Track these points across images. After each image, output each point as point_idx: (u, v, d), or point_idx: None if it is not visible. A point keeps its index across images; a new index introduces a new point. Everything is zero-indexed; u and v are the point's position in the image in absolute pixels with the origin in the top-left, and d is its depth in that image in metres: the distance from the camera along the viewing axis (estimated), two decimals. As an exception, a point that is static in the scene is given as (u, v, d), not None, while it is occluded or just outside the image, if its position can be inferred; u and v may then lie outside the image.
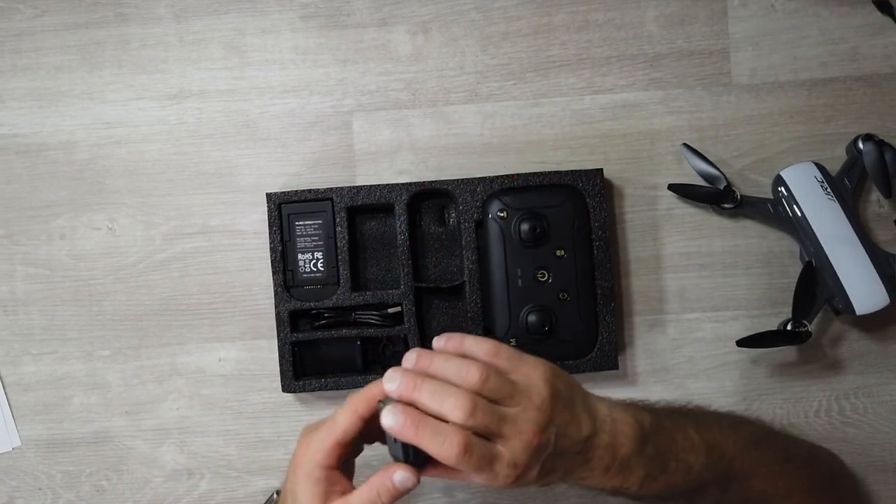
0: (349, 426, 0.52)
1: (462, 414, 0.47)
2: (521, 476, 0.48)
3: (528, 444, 0.47)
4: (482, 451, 0.47)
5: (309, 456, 0.53)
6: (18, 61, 0.71)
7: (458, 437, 0.46)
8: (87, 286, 0.71)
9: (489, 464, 0.47)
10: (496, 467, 0.47)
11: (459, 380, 0.49)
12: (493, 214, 0.67)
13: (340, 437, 0.52)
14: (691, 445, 0.54)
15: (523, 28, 0.70)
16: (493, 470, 0.47)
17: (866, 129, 0.69)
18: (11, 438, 0.71)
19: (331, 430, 0.52)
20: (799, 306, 0.66)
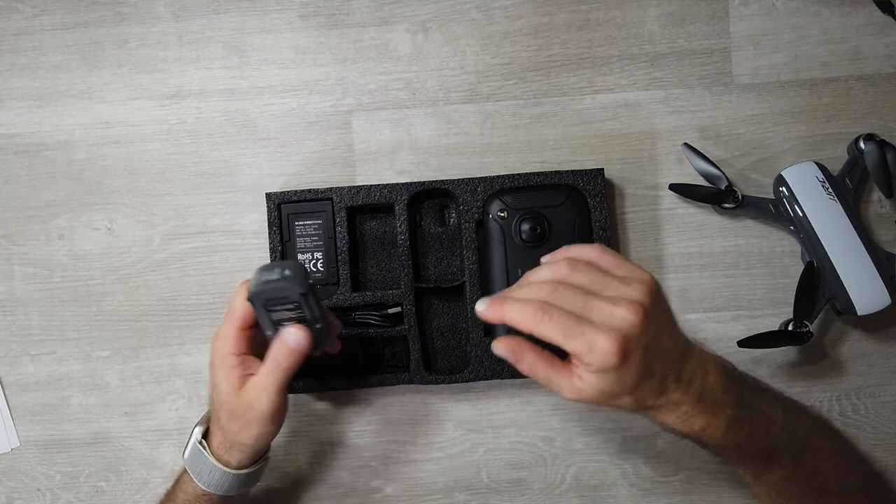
0: (243, 309, 0.56)
1: (545, 290, 0.48)
2: (624, 354, 0.46)
3: (626, 316, 0.46)
4: (565, 317, 0.46)
5: (219, 348, 0.57)
6: (17, 61, 0.71)
7: (535, 303, 0.47)
8: (86, 286, 0.71)
9: (579, 331, 0.46)
10: (589, 334, 0.46)
11: (547, 277, 0.49)
12: (494, 214, 0.67)
13: (240, 321, 0.56)
14: (772, 401, 0.53)
15: (524, 27, 0.70)
16: (586, 338, 0.46)
17: (867, 129, 0.69)
18: (10, 439, 0.71)
19: (230, 317, 0.56)
20: (800, 307, 0.66)
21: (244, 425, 0.57)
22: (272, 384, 0.56)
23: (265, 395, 0.56)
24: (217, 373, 0.57)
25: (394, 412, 0.70)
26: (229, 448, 0.58)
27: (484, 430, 0.70)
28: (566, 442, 0.70)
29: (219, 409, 0.57)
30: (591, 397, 0.48)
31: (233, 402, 0.56)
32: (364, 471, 0.70)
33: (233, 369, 0.56)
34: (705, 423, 0.50)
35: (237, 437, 0.57)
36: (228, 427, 0.57)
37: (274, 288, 0.54)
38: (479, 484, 0.70)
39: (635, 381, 0.47)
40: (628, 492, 0.70)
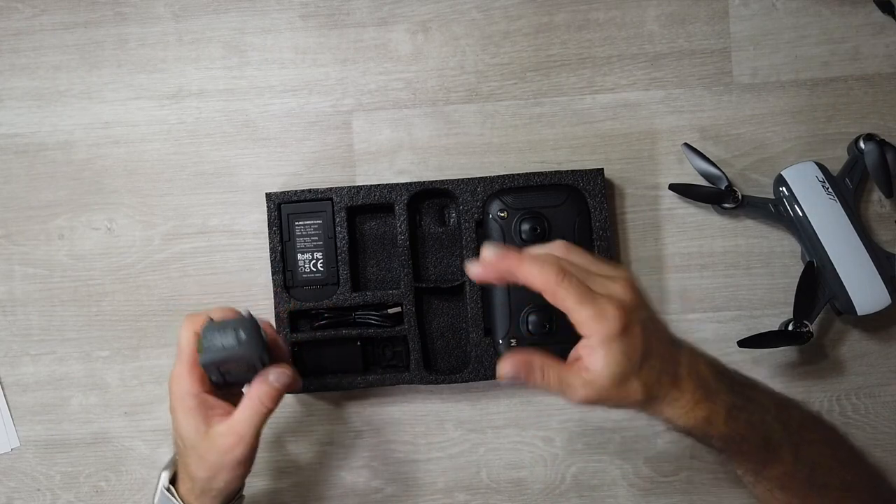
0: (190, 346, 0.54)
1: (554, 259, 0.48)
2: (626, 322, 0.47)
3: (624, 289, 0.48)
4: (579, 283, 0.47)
5: (175, 391, 0.54)
6: (17, 61, 0.71)
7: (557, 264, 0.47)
8: (86, 286, 0.71)
9: (591, 297, 0.47)
10: (601, 302, 0.47)
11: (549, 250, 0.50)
12: (494, 214, 0.67)
13: (191, 358, 0.54)
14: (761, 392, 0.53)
15: (524, 27, 0.70)
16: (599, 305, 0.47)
17: (868, 129, 0.69)
18: (10, 439, 0.71)
19: (181, 356, 0.54)
20: (800, 307, 0.66)
21: (216, 472, 0.54)
22: (252, 430, 0.54)
23: (244, 443, 0.53)
24: (178, 416, 0.54)
25: (394, 412, 0.70)
26: (200, 495, 0.55)
27: (484, 430, 0.70)
28: (566, 442, 0.70)
29: (185, 455, 0.55)
30: (602, 384, 0.48)
31: (201, 446, 0.54)
32: (364, 471, 0.70)
33: (194, 411, 0.54)
34: (707, 412, 0.50)
35: (209, 483, 0.55)
36: (197, 474, 0.55)
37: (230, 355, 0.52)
38: (479, 484, 0.70)
39: (640, 356, 0.48)
40: (628, 492, 0.70)
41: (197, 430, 0.54)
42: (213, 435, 0.54)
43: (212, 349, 0.52)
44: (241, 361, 0.53)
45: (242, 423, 0.54)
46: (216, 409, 0.55)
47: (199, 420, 0.54)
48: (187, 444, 0.55)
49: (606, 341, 0.47)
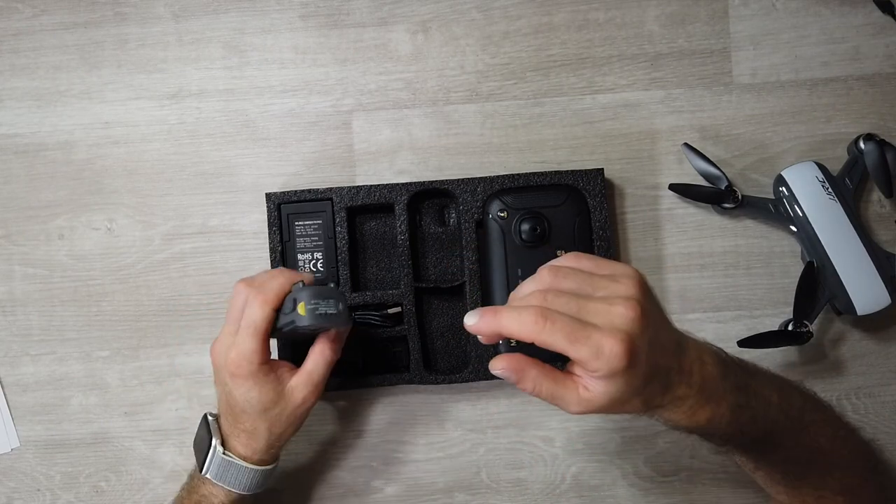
0: (268, 322, 0.55)
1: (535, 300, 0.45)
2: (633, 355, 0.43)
3: (625, 313, 0.44)
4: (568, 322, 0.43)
5: (245, 361, 0.55)
6: (17, 61, 0.71)
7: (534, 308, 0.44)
8: (86, 286, 0.71)
9: (584, 336, 0.43)
10: (595, 338, 0.43)
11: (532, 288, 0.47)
12: (494, 214, 0.67)
13: (264, 334, 0.55)
14: (765, 382, 0.52)
15: (524, 27, 0.70)
16: (593, 342, 0.43)
17: (867, 129, 0.69)
18: (10, 439, 0.71)
19: (253, 331, 0.55)
20: (800, 306, 0.66)
21: (292, 423, 0.59)
22: (325, 378, 0.58)
23: (318, 390, 0.58)
24: (251, 385, 0.56)
25: (394, 412, 0.70)
26: (267, 450, 0.59)
27: (484, 430, 0.70)
28: (566, 442, 0.70)
29: (253, 420, 0.58)
30: (600, 405, 0.46)
31: (278, 406, 0.57)
32: (364, 471, 0.70)
33: (268, 377, 0.57)
34: (711, 414, 0.48)
35: (281, 437, 0.59)
36: (273, 431, 0.58)
37: (331, 323, 0.55)
38: (479, 484, 0.70)
39: (643, 382, 0.45)
40: (628, 492, 0.70)
41: (275, 392, 0.57)
42: (289, 391, 0.57)
43: (315, 314, 0.54)
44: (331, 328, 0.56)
45: (316, 372, 0.58)
46: (283, 368, 0.58)
47: (274, 384, 0.57)
48: (259, 409, 0.57)
49: (608, 376, 0.44)
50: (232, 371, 0.56)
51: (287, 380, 0.58)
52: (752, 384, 0.51)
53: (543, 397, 0.46)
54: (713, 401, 0.48)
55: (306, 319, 0.54)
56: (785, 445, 0.53)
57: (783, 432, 0.52)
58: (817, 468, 0.55)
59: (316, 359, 0.58)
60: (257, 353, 0.55)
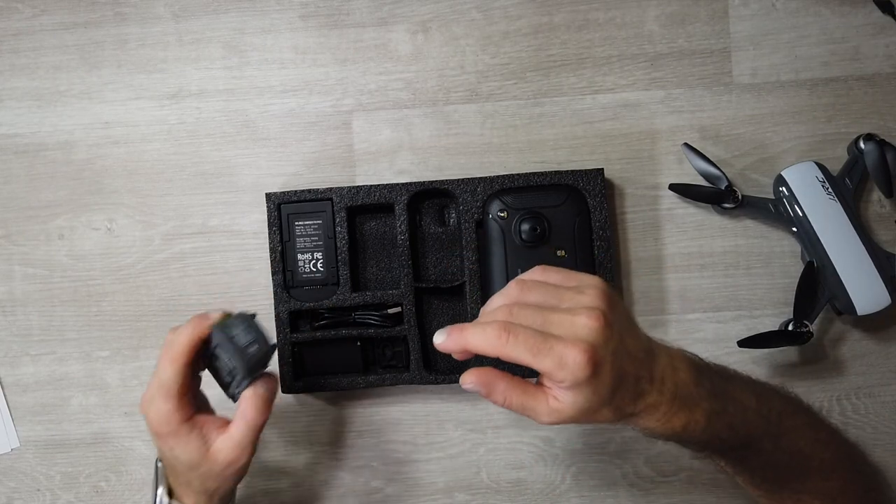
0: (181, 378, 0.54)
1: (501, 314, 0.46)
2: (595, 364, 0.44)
3: (587, 323, 0.45)
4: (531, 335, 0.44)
5: (163, 422, 0.54)
6: (17, 61, 0.71)
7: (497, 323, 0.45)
8: (86, 286, 0.71)
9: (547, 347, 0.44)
10: (557, 349, 0.44)
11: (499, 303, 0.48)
12: (494, 214, 0.67)
13: (177, 393, 0.54)
14: (742, 387, 0.52)
15: (524, 27, 0.70)
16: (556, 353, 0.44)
17: (867, 129, 0.69)
18: (10, 439, 0.71)
19: (165, 392, 0.54)
20: (800, 306, 0.66)
21: (222, 483, 0.56)
22: (253, 440, 0.55)
23: (247, 453, 0.55)
24: (173, 444, 0.55)
25: (394, 412, 0.70)
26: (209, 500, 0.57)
27: (484, 430, 0.70)
28: (566, 442, 0.70)
29: (185, 475, 0.56)
30: (570, 416, 0.46)
31: (204, 465, 0.55)
32: (364, 471, 0.70)
33: (193, 436, 0.55)
34: (685, 421, 0.49)
35: (216, 493, 0.57)
36: (204, 487, 0.56)
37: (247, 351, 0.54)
38: (479, 484, 0.70)
39: (610, 391, 0.46)
40: (628, 492, 0.70)
41: (199, 451, 0.55)
42: (215, 452, 0.55)
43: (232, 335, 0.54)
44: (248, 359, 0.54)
45: (242, 435, 0.55)
46: (211, 425, 0.56)
47: (199, 443, 0.55)
48: (188, 466, 0.55)
49: (573, 387, 0.45)
50: (156, 431, 0.55)
51: (213, 439, 0.55)
52: (728, 389, 0.51)
53: (514, 409, 0.47)
54: (687, 407, 0.48)
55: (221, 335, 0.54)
56: (764, 450, 0.53)
57: (762, 437, 0.52)
58: (797, 473, 0.55)
59: (238, 423, 0.55)
60: (174, 413, 0.54)
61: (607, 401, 0.46)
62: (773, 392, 0.55)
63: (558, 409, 0.46)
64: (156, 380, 0.54)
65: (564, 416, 0.46)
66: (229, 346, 0.54)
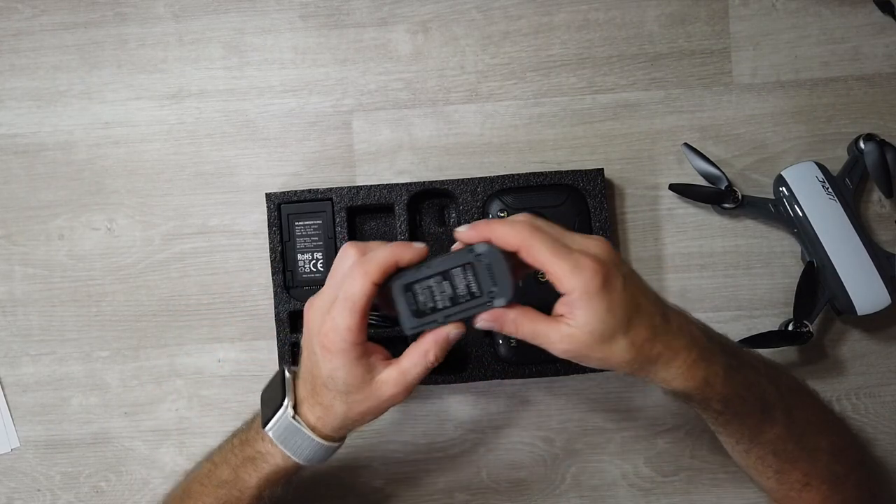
0: (367, 298, 0.50)
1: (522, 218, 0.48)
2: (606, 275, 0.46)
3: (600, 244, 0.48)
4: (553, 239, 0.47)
5: (339, 337, 0.50)
6: (17, 61, 0.71)
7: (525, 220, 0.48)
8: (86, 287, 0.71)
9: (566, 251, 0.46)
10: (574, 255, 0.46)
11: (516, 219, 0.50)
12: (494, 214, 0.67)
13: (361, 311, 0.50)
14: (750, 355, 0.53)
15: (524, 27, 0.70)
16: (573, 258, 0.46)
17: (867, 129, 0.69)
18: (10, 439, 0.71)
19: (350, 306, 0.49)
20: (800, 307, 0.66)
21: (372, 413, 0.53)
22: (418, 380, 0.52)
23: (408, 391, 0.52)
24: (339, 363, 0.51)
25: (394, 412, 0.70)
26: (339, 427, 0.54)
27: (484, 430, 0.70)
28: (566, 442, 0.70)
29: (332, 396, 0.52)
30: (584, 341, 0.46)
31: (361, 392, 0.52)
32: (364, 471, 0.70)
33: (360, 360, 0.51)
34: (705, 373, 0.49)
35: (358, 420, 0.53)
36: (348, 413, 0.52)
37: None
38: (479, 484, 0.70)
39: (625, 314, 0.46)
40: (628, 492, 0.70)
41: (362, 378, 0.51)
42: (378, 382, 0.52)
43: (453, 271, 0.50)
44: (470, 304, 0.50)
45: (411, 373, 0.51)
46: (377, 355, 0.52)
47: (364, 369, 0.51)
48: (344, 390, 0.52)
49: (586, 296, 0.45)
50: (323, 343, 0.51)
51: (379, 370, 0.52)
52: (738, 352, 0.52)
53: (526, 335, 0.48)
54: (704, 359, 0.49)
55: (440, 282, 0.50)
56: (778, 422, 0.53)
57: (776, 406, 0.52)
58: (808, 451, 0.55)
59: (415, 360, 0.51)
60: (352, 332, 0.50)
61: (623, 327, 0.46)
62: (781, 368, 0.56)
63: (570, 333, 0.46)
64: (341, 291, 0.50)
65: (578, 341, 0.47)
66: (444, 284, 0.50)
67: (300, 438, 0.54)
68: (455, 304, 0.50)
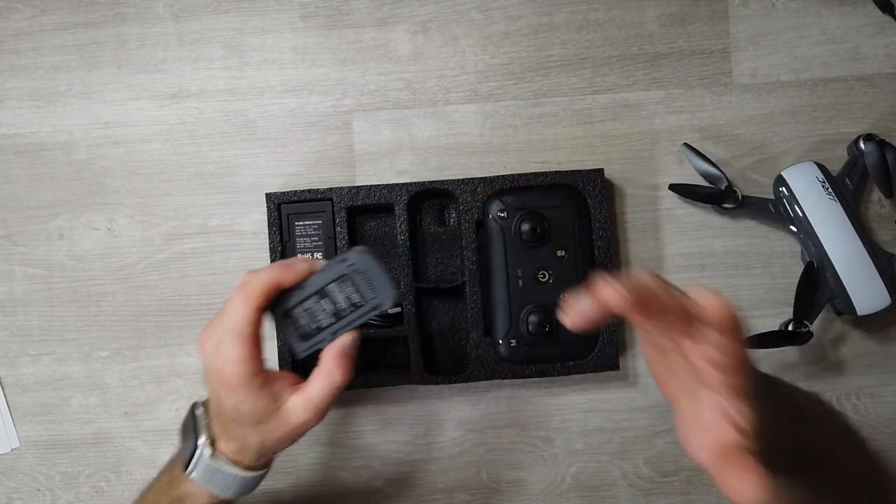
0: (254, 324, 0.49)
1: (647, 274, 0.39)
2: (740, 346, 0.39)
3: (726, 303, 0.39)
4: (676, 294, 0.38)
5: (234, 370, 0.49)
6: (17, 61, 0.71)
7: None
8: (86, 287, 0.71)
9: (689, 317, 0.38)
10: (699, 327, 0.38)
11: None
12: (494, 214, 0.67)
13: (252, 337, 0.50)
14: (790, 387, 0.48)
15: (524, 27, 0.70)
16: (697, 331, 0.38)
17: (867, 129, 0.69)
18: (10, 439, 0.71)
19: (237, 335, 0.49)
20: (800, 307, 0.66)
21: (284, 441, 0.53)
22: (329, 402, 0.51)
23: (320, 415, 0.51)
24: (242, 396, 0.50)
25: (394, 412, 0.70)
26: (256, 459, 0.54)
27: (484, 430, 0.70)
28: (566, 442, 0.70)
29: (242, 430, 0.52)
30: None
31: (270, 422, 0.51)
32: (364, 471, 0.70)
33: (262, 390, 0.50)
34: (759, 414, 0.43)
35: (273, 450, 0.53)
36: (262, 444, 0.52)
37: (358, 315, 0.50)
38: (479, 484, 0.70)
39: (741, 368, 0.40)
40: (628, 492, 0.70)
41: (268, 407, 0.50)
42: (286, 410, 0.51)
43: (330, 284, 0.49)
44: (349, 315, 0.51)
45: (318, 397, 0.51)
46: (282, 381, 0.51)
47: (269, 399, 0.50)
48: (252, 422, 0.51)
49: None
50: (220, 378, 0.50)
51: (285, 397, 0.51)
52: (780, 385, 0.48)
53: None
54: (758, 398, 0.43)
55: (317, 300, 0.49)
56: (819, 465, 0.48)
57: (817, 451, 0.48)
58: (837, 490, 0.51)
59: (321, 383, 0.51)
60: (245, 362, 0.49)
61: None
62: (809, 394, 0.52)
63: None
64: (225, 321, 0.49)
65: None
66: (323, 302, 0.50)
67: (222, 476, 0.53)
68: (340, 319, 0.50)
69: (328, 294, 0.51)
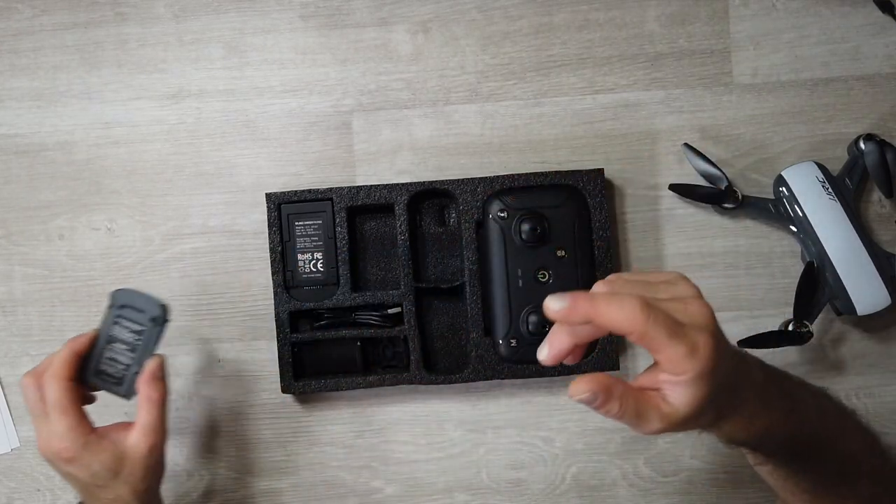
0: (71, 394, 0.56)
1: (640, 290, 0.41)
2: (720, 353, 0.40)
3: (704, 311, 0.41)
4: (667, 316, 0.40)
5: (69, 440, 0.55)
6: (17, 61, 0.71)
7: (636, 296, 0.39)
8: (86, 287, 0.71)
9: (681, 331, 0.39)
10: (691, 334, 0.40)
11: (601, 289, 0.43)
12: (494, 214, 0.67)
13: (72, 407, 0.56)
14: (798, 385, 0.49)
15: (524, 27, 0.70)
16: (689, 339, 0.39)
17: (868, 129, 0.69)
18: (10, 439, 0.71)
19: (61, 409, 0.56)
20: (800, 307, 0.66)
21: (150, 472, 0.57)
22: (162, 417, 0.57)
23: (162, 432, 0.57)
24: (88, 461, 0.55)
25: (394, 412, 0.70)
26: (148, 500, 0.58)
27: (484, 430, 0.70)
28: (566, 442, 0.70)
29: (111, 488, 0.56)
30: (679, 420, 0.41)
31: (127, 465, 0.56)
32: (364, 471, 0.70)
33: (102, 444, 0.56)
34: (768, 422, 0.45)
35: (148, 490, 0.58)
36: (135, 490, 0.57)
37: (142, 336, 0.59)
38: (479, 484, 0.70)
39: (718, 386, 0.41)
40: (628, 492, 0.70)
41: (115, 457, 0.56)
42: (130, 448, 0.56)
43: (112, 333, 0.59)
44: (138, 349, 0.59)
45: (153, 417, 0.57)
46: (115, 430, 0.57)
47: (111, 450, 0.56)
48: (111, 476, 0.56)
49: (697, 378, 0.40)
50: (63, 457, 0.55)
51: (124, 439, 0.57)
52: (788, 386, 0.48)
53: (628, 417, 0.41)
54: (765, 407, 0.45)
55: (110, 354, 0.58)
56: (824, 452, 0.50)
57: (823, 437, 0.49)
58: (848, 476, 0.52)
59: (146, 407, 0.57)
60: (76, 429, 0.55)
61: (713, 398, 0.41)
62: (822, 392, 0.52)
63: (668, 412, 0.41)
64: (46, 405, 0.56)
65: (674, 420, 0.41)
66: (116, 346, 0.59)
67: None
68: (136, 350, 0.59)
69: (116, 338, 0.59)
